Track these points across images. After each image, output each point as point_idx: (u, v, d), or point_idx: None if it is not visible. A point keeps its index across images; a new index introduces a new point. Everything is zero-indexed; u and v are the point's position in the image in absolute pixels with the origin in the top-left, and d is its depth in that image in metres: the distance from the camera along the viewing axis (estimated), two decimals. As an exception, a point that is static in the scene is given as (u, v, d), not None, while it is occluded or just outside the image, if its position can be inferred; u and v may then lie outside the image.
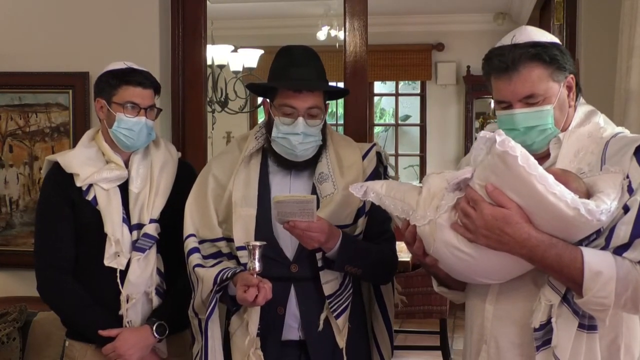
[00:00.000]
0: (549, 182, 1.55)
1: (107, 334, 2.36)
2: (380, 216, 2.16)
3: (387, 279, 2.40)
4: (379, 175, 2.36)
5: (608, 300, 1.58)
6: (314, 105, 2.20)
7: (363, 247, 2.26)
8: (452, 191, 1.72)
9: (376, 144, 2.42)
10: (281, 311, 2.21)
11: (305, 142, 2.21)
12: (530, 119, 1.77)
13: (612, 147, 1.70)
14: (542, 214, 1.59)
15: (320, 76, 2.27)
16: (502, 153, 1.57)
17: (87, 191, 2.41)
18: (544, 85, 1.75)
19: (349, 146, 2.37)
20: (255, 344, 2.16)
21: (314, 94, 2.20)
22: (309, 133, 2.20)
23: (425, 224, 1.75)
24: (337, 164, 2.29)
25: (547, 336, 1.65)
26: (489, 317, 1.80)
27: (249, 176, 2.28)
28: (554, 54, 1.76)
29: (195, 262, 2.25)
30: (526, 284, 1.73)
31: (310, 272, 2.22)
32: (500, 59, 1.77)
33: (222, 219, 2.28)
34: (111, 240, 2.37)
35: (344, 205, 2.24)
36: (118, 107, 2.39)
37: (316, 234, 2.09)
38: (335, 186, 2.25)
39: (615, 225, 1.61)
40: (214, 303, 2.17)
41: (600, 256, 1.60)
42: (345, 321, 2.24)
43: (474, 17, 7.40)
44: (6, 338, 2.95)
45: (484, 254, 1.67)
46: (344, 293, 2.24)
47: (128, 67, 2.44)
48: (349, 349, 2.24)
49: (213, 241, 2.28)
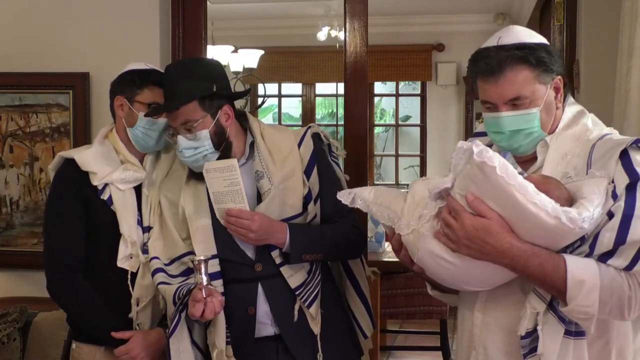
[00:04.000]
0: (529, 192, 1.54)
1: (121, 336, 2.32)
2: (330, 196, 2.15)
3: (355, 255, 2.42)
4: (323, 155, 2.38)
5: (592, 309, 1.56)
6: (184, 120, 2.20)
7: (316, 232, 2.27)
8: (434, 200, 1.71)
9: (312, 126, 2.42)
10: (252, 311, 2.23)
11: (193, 156, 2.22)
12: (516, 123, 1.75)
13: (598, 150, 1.68)
14: (524, 224, 1.58)
15: (190, 87, 2.20)
16: (480, 163, 1.56)
17: (103, 190, 2.38)
18: (530, 87, 1.73)
19: (283, 137, 2.36)
20: (227, 354, 2.17)
21: (180, 110, 2.20)
22: (190, 146, 2.21)
23: (409, 233, 1.74)
24: (271, 159, 2.29)
25: (533, 344, 1.64)
26: (478, 323, 1.79)
27: (197, 189, 2.30)
28: (540, 56, 1.74)
29: (160, 280, 2.26)
30: (514, 292, 1.71)
31: (274, 269, 2.24)
32: (487, 62, 1.75)
33: (185, 235, 2.30)
34: (127, 242, 2.34)
35: (284, 198, 2.26)
36: (141, 107, 2.36)
37: (247, 221, 2.14)
38: (271, 181, 2.25)
39: (599, 232, 1.59)
40: (177, 320, 2.16)
41: (583, 264, 1.58)
42: (317, 308, 2.26)
43: (474, 17, 7.40)
44: (6, 338, 2.95)
45: (468, 263, 1.65)
46: (312, 281, 2.27)
47: (152, 69, 2.43)
48: (325, 333, 2.26)
49: (180, 258, 2.29)
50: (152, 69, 2.43)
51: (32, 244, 3.24)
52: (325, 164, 2.38)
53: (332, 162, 2.43)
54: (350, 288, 2.44)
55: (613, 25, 2.58)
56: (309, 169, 2.32)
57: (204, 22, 3.28)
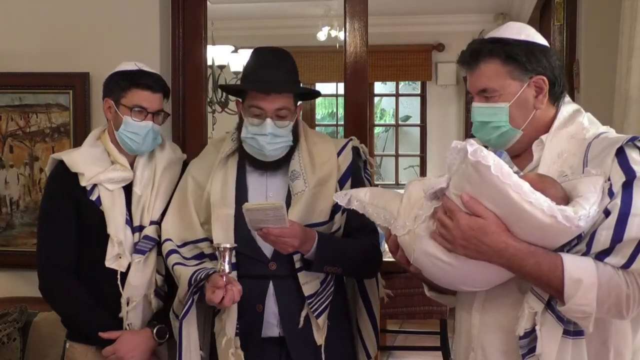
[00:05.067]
0: (524, 190, 1.54)
1: (108, 336, 2.35)
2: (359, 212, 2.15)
3: (371, 274, 2.41)
4: (358, 170, 2.38)
5: (589, 308, 1.55)
6: (282, 106, 2.22)
7: (341, 246, 2.27)
8: (430, 200, 1.71)
9: (353, 139, 2.43)
10: (260, 309, 2.23)
11: (273, 143, 2.22)
12: (483, 114, 1.79)
13: (595, 149, 1.68)
14: (519, 223, 1.57)
15: (291, 78, 2.28)
16: (475, 163, 1.55)
17: (92, 191, 2.40)
18: (500, 82, 1.75)
19: (324, 143, 2.37)
20: (235, 344, 2.17)
21: (282, 95, 2.22)
22: (277, 134, 2.22)
23: (405, 234, 1.74)
24: (310, 162, 2.30)
25: (532, 344, 1.63)
26: (476, 324, 1.79)
27: (226, 177, 2.30)
28: (513, 53, 1.75)
29: (175, 261, 2.26)
30: (512, 292, 1.71)
31: (289, 270, 2.24)
32: (464, 52, 1.81)
33: (204, 219, 2.30)
34: (114, 242, 2.35)
35: (315, 202, 2.25)
36: (126, 110, 2.37)
37: (289, 239, 2.11)
38: (306, 183, 2.26)
39: (596, 230, 1.58)
40: (190, 303, 2.17)
41: (581, 263, 1.58)
42: (325, 319, 2.25)
43: (474, 17, 7.40)
44: (6, 338, 2.95)
45: (464, 263, 1.65)
46: (325, 292, 2.26)
47: (139, 70, 2.42)
48: (329, 345, 2.25)
49: (195, 242, 2.30)
50: (138, 70, 2.41)
51: (32, 244, 3.22)
52: (359, 178, 2.38)
53: (365, 178, 2.43)
54: (361, 307, 2.42)
55: (613, 25, 2.58)
56: (343, 179, 2.32)
57: (204, 22, 3.27)
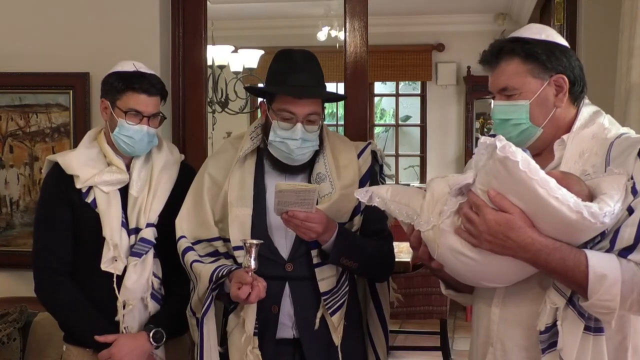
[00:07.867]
0: (551, 186, 1.55)
1: (104, 339, 2.32)
2: (376, 214, 2.16)
3: (384, 277, 2.41)
4: (375, 174, 2.38)
5: (613, 304, 1.57)
6: (313, 111, 2.22)
7: (359, 240, 2.28)
8: (455, 196, 1.72)
9: (371, 143, 2.43)
10: (275, 310, 2.22)
11: (302, 147, 2.22)
12: (504, 112, 1.81)
13: (617, 148, 1.70)
14: (545, 218, 1.59)
15: (320, 82, 2.28)
16: (503, 158, 1.57)
17: (87, 193, 2.37)
18: (520, 80, 1.78)
19: (345, 146, 2.38)
20: (252, 343, 2.17)
21: (313, 100, 2.22)
22: (307, 138, 2.22)
23: (429, 229, 1.75)
24: (334, 164, 2.30)
25: (552, 339, 1.65)
26: (495, 319, 1.80)
27: (244, 176, 2.29)
28: (533, 51, 1.78)
29: (193, 259, 2.25)
30: (532, 287, 1.73)
31: (305, 271, 2.23)
32: (486, 52, 1.85)
33: (219, 218, 2.29)
34: (109, 245, 2.33)
35: (341, 205, 2.25)
36: (120, 113, 2.35)
37: (314, 225, 2.11)
38: (333, 186, 2.26)
39: (619, 227, 1.60)
40: (210, 300, 2.17)
41: (605, 259, 1.60)
42: (341, 318, 2.25)
43: (474, 17, 7.41)
44: (6, 338, 2.94)
45: (488, 259, 1.66)
46: (340, 290, 2.25)
47: (136, 71, 2.37)
48: (344, 346, 2.25)
49: (209, 241, 2.29)
50: (135, 72, 2.37)
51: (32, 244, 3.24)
52: (376, 183, 2.38)
53: (381, 183, 2.43)
54: (372, 310, 2.42)
55: (613, 25, 2.58)
56: (362, 181, 2.32)
57: (204, 22, 3.27)
